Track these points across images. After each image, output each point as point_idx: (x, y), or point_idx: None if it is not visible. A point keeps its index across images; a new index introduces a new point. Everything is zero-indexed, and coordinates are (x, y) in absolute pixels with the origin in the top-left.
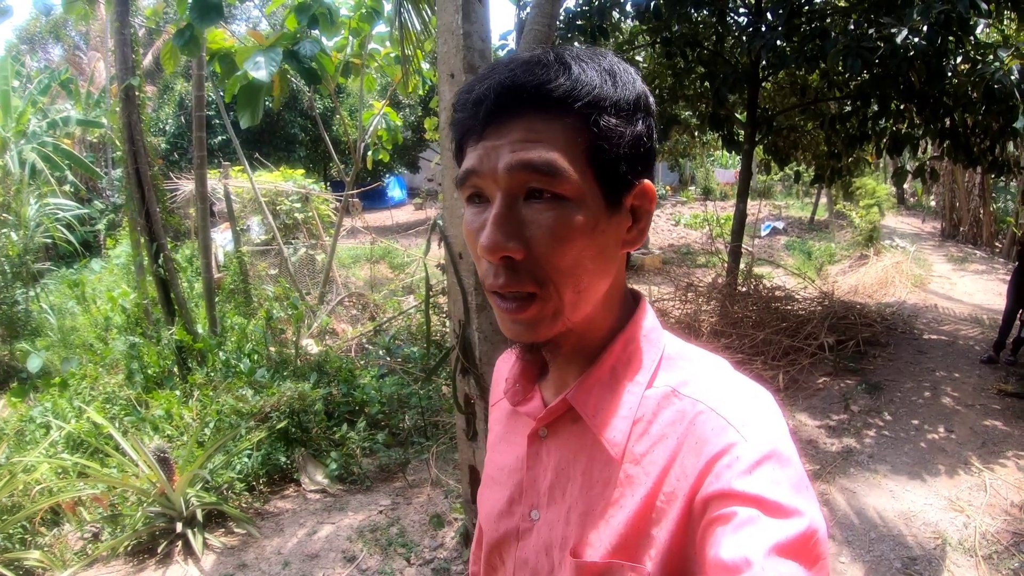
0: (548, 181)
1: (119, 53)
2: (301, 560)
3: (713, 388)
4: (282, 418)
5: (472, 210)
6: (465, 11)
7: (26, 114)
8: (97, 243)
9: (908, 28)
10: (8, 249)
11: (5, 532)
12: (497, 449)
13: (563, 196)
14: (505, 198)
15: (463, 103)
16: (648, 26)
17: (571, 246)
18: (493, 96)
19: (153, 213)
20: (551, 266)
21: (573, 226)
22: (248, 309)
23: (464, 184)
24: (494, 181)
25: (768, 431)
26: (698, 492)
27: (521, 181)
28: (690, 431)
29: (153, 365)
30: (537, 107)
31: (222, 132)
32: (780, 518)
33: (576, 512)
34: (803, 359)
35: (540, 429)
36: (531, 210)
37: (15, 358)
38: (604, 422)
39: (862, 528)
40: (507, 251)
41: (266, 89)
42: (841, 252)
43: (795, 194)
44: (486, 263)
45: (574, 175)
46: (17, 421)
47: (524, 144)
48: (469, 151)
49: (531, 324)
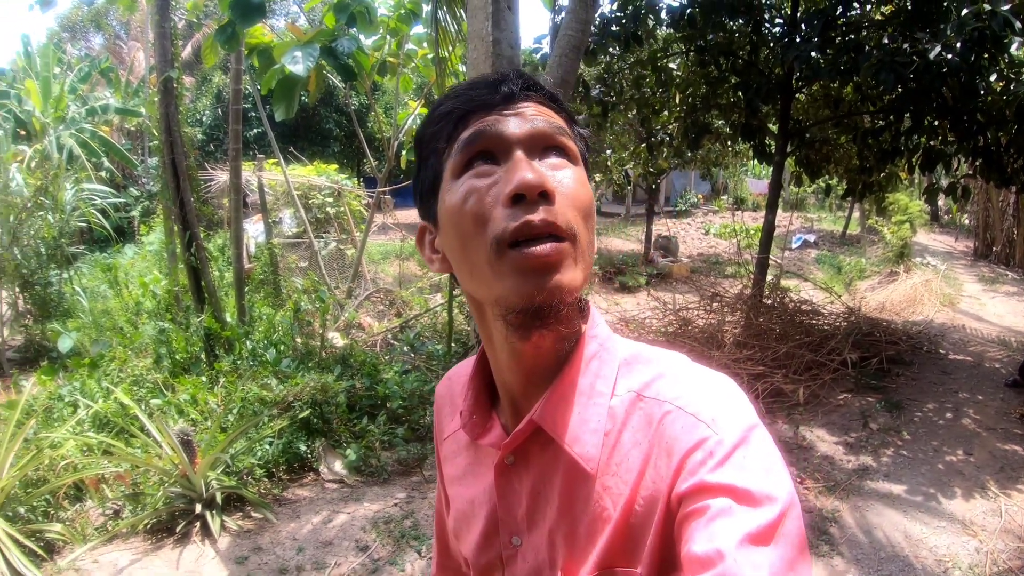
0: (565, 139)
1: (159, 46)
2: (315, 546)
3: (676, 386)
4: (305, 408)
5: (474, 173)
6: (495, 19)
7: (64, 100)
8: (131, 229)
9: (942, 44)
10: (44, 231)
11: (29, 504)
12: (464, 483)
13: (572, 158)
14: (528, 152)
15: (461, 91)
16: (683, 34)
17: (586, 202)
18: (514, 79)
19: (187, 202)
20: (574, 211)
21: (582, 181)
22: (277, 300)
23: (471, 145)
24: (512, 139)
25: (737, 421)
26: (673, 490)
27: (541, 140)
28: (660, 432)
29: (181, 351)
30: (542, 99)
31: (258, 125)
32: (752, 506)
33: (560, 533)
34: (825, 374)
35: (507, 457)
36: (549, 164)
37: (46, 338)
38: (575, 438)
39: (871, 548)
40: (546, 186)
41: (302, 84)
42: (872, 268)
43: (828, 207)
44: (506, 212)
45: (576, 145)
46: (46, 399)
47: (541, 114)
48: (477, 119)
49: (560, 267)
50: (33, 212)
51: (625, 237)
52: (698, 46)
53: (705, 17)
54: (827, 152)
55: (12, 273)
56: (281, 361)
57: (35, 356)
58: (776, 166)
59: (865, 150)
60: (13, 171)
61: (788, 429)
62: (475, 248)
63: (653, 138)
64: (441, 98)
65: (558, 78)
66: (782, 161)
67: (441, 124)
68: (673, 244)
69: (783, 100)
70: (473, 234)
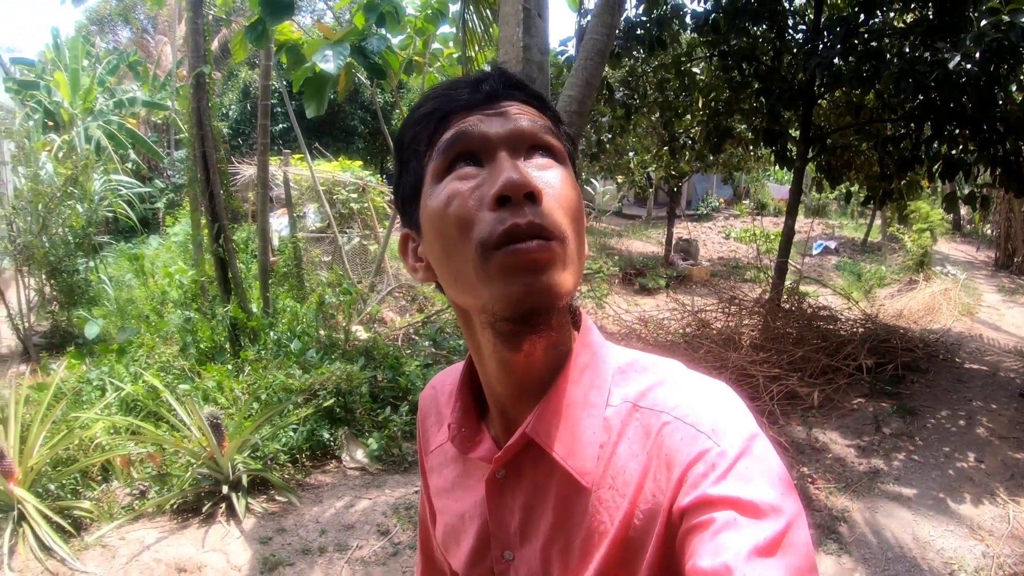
0: (550, 138)
1: (191, 41)
2: (337, 529)
3: (673, 395)
4: (329, 397)
5: (456, 176)
6: (526, 25)
7: (93, 92)
8: (155, 220)
9: (961, 54)
10: (73, 220)
11: (59, 482)
12: (453, 496)
13: (559, 158)
14: (511, 152)
15: (440, 92)
16: (706, 38)
17: (575, 203)
18: (496, 78)
19: (216, 195)
20: (562, 212)
21: (570, 182)
22: (300, 293)
23: (452, 147)
24: (495, 140)
25: (738, 430)
26: (674, 503)
27: (526, 139)
28: (658, 444)
29: (206, 340)
30: (525, 98)
31: (284, 120)
32: (758, 518)
33: (555, 548)
34: (840, 379)
35: (498, 470)
36: (535, 165)
37: (72, 324)
38: (570, 451)
39: (879, 548)
40: (533, 187)
41: (332, 82)
42: (892, 276)
43: (849, 214)
44: (491, 215)
45: (564, 144)
46: (75, 382)
47: (524, 113)
48: (458, 120)
49: (549, 268)
50: (62, 201)
51: (646, 239)
52: (721, 51)
53: (729, 22)
54: (848, 158)
55: (40, 260)
56: (307, 351)
57: (61, 342)
58: (797, 172)
59: (886, 157)
60: (44, 160)
61: (801, 431)
62: (459, 253)
63: (676, 141)
64: (421, 99)
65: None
66: (803, 167)
67: (421, 126)
68: (693, 247)
69: (805, 106)
70: (457, 239)
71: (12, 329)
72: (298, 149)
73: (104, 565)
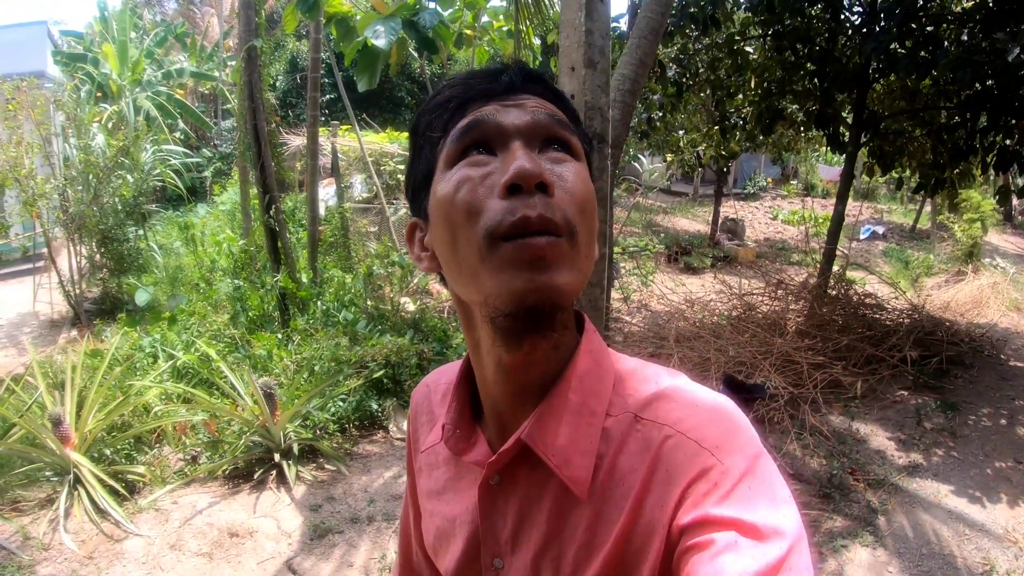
0: (567, 133)
1: (243, 15)
2: (385, 499)
3: (676, 408)
4: (378, 368)
5: (468, 163)
6: (588, 9)
7: (141, 64)
8: (203, 189)
9: (1021, 46)
10: (123, 190)
11: (114, 447)
12: (444, 499)
13: (574, 152)
14: (526, 143)
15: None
16: (760, 18)
17: (587, 198)
18: (516, 70)
19: (268, 166)
20: (573, 206)
21: (586, 179)
22: (347, 263)
23: (466, 134)
24: (511, 129)
25: (742, 449)
26: (674, 520)
27: (542, 132)
28: (659, 458)
29: (255, 308)
30: (544, 92)
31: (331, 91)
32: (760, 541)
33: (547, 558)
34: (884, 370)
35: (492, 476)
36: (549, 158)
37: (122, 291)
38: (566, 461)
39: (915, 543)
40: (544, 177)
41: (384, 56)
42: (939, 265)
43: (899, 199)
44: (501, 204)
45: (580, 142)
46: (129, 349)
47: (542, 107)
48: (474, 109)
49: (556, 266)
50: (113, 171)
51: (692, 217)
52: (775, 31)
53: (783, 2)
54: (901, 144)
55: (92, 228)
56: (357, 322)
57: (111, 308)
58: (849, 156)
59: (939, 145)
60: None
61: (843, 421)
62: (465, 241)
63: (727, 121)
64: (439, 88)
65: (636, 59)
66: (855, 152)
67: (437, 113)
68: (740, 227)
69: (859, 89)
70: (464, 225)
71: (64, 295)
72: (346, 120)
73: (157, 528)
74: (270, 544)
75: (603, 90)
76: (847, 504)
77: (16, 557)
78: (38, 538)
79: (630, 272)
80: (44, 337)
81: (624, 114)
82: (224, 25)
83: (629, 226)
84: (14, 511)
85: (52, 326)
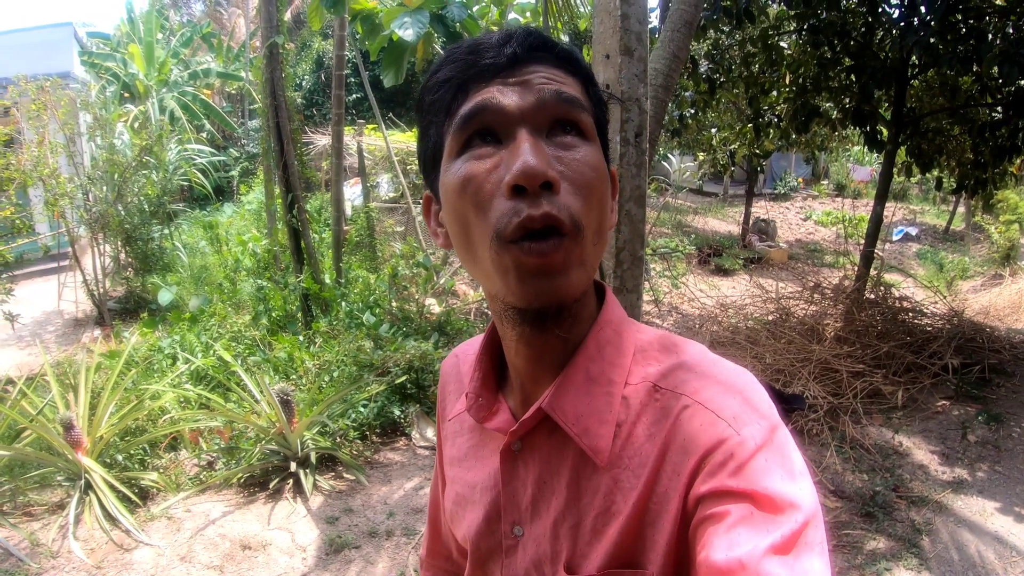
0: (576, 113)
1: (264, 12)
2: (405, 512)
3: (695, 379)
4: (401, 373)
5: (472, 155)
6: None
7: (167, 65)
8: (230, 189)
9: None
10: (148, 189)
11: (127, 452)
12: (464, 466)
13: (584, 134)
14: (533, 131)
15: (459, 55)
16: (795, 11)
17: (596, 185)
18: (520, 40)
19: (291, 165)
20: (581, 202)
21: (596, 165)
22: (373, 263)
23: (469, 123)
24: (516, 114)
25: (759, 420)
26: (690, 489)
27: (550, 114)
28: (677, 427)
29: (278, 309)
30: (555, 60)
31: (357, 90)
32: (775, 514)
33: (565, 525)
34: (925, 378)
35: (514, 443)
36: (559, 144)
37: (146, 290)
38: (586, 429)
39: (961, 565)
40: (549, 176)
41: (411, 50)
42: (975, 268)
43: (931, 200)
44: (506, 203)
45: (591, 115)
46: (147, 350)
47: (551, 80)
48: (476, 91)
49: (562, 271)
50: (137, 171)
51: (722, 218)
52: (811, 25)
53: None
54: (940, 143)
55: (116, 228)
56: (380, 325)
57: (135, 307)
58: (887, 155)
59: (981, 144)
60: (120, 129)
61: (884, 432)
62: (477, 237)
63: (760, 118)
64: (440, 61)
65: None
66: (894, 150)
67: (440, 93)
68: (771, 228)
69: (897, 86)
70: (474, 223)
71: (88, 294)
72: (372, 119)
73: (168, 538)
74: (283, 559)
75: (640, 79)
76: (890, 523)
77: (24, 565)
78: (47, 545)
79: (660, 273)
80: (68, 336)
81: (657, 110)
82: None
83: (659, 226)
84: (26, 515)
85: (77, 325)
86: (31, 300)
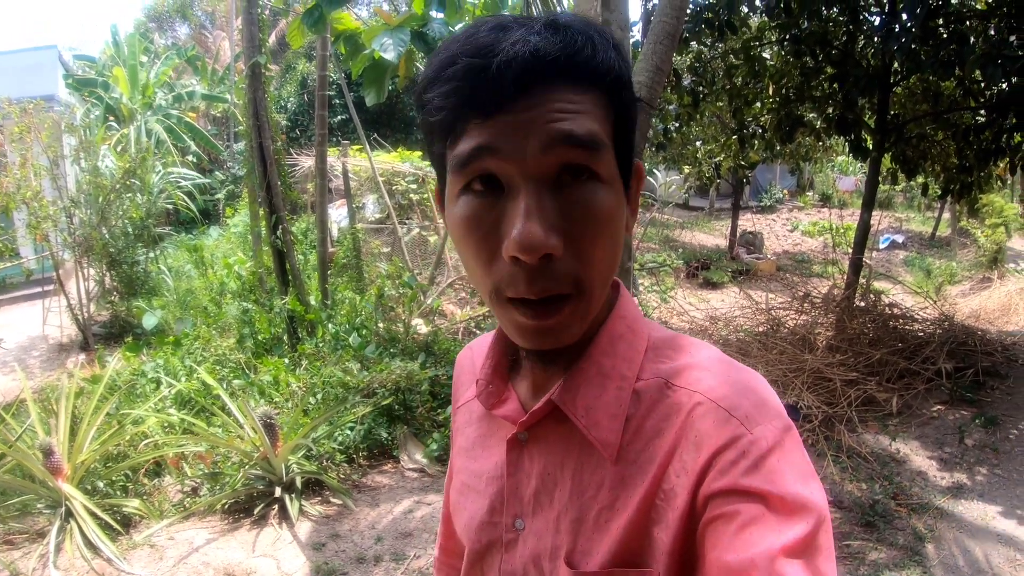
0: (590, 157)
1: (247, 32)
2: (394, 536)
3: (707, 377)
4: (388, 395)
5: (474, 199)
6: None
7: (151, 88)
8: (216, 212)
9: None
10: (132, 212)
11: (108, 479)
12: (471, 455)
13: (599, 177)
14: (538, 183)
15: (457, 73)
16: (777, 22)
17: (609, 235)
18: (522, 61)
19: (274, 186)
20: (590, 260)
21: (611, 212)
22: (359, 285)
23: (468, 166)
24: (520, 162)
25: (772, 421)
26: (700, 487)
27: (558, 160)
28: (688, 425)
29: (264, 332)
30: (567, 78)
31: (342, 112)
32: (786, 515)
33: (567, 519)
34: (919, 384)
35: (520, 433)
36: (567, 195)
37: (131, 314)
38: (594, 422)
39: (966, 572)
40: (549, 248)
41: (392, 69)
42: (963, 272)
43: (916, 207)
44: (506, 266)
45: (611, 152)
46: (129, 375)
47: (562, 116)
48: (475, 128)
49: (560, 329)
50: (121, 193)
51: (709, 231)
52: (793, 35)
53: (801, 5)
54: (924, 149)
55: (100, 251)
56: (366, 346)
57: (120, 332)
58: (873, 163)
59: (965, 148)
60: (104, 153)
61: (881, 440)
62: (478, 278)
63: (745, 130)
64: (438, 63)
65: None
66: (879, 157)
67: (437, 119)
68: (759, 240)
69: (881, 93)
70: (475, 266)
71: (72, 319)
72: (357, 140)
73: (151, 566)
74: None
75: None
76: (892, 532)
77: None
78: (27, 575)
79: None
80: (52, 361)
81: (641, 124)
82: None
83: (646, 242)
84: (6, 544)
85: (61, 350)
86: (15, 325)
